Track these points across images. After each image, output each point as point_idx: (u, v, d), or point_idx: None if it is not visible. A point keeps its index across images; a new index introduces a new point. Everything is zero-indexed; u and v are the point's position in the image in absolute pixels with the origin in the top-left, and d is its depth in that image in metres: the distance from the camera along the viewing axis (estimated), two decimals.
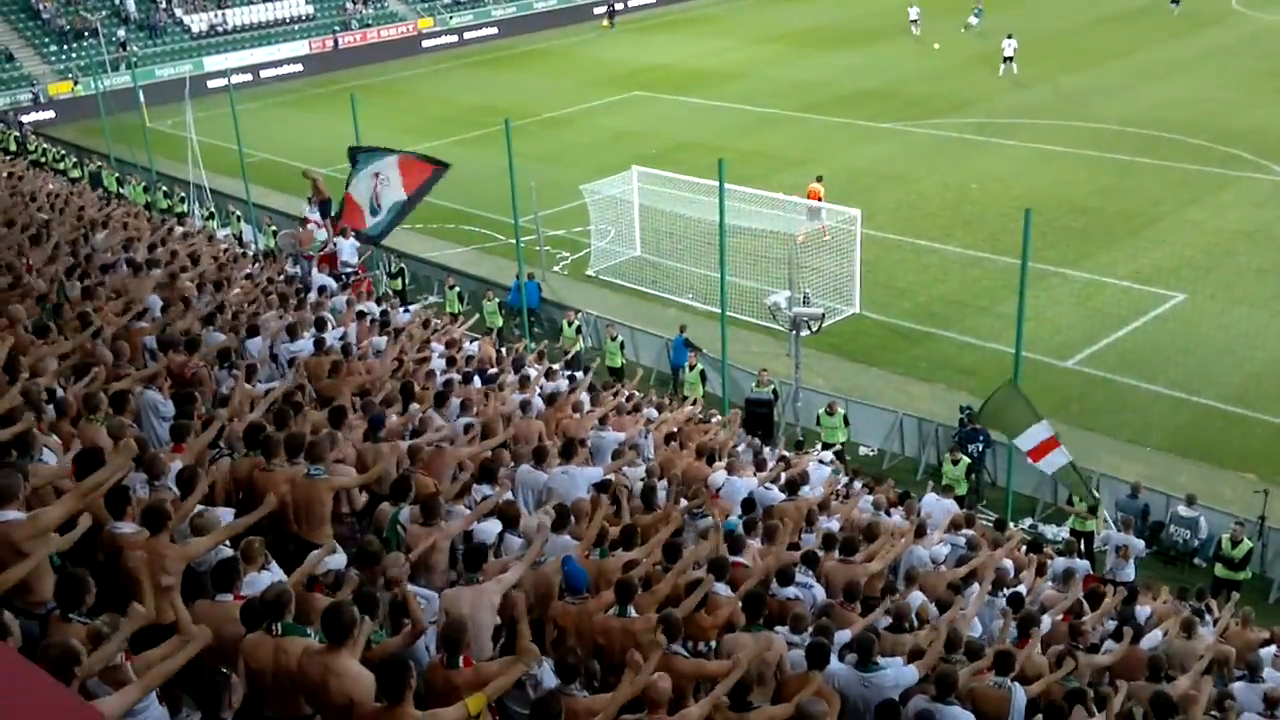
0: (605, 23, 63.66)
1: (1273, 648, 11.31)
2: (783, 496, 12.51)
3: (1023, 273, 15.82)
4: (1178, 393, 20.34)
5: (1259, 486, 16.47)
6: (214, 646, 6.89)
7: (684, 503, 11.26)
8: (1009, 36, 43.38)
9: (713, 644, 8.17)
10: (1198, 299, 23.69)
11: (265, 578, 7.45)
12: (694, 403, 19.20)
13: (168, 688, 6.45)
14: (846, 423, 18.79)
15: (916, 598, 10.77)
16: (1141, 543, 14.79)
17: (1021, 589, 11.91)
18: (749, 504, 11.81)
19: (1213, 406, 19.94)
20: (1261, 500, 15.85)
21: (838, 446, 18.19)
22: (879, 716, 7.39)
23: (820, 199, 28.01)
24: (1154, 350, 21.93)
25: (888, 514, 13.84)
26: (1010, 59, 43.31)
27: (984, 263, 26.53)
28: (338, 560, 7.63)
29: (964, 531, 13.72)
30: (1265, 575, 15.91)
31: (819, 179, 28.76)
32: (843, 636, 8.77)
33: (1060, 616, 10.78)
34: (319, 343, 14.60)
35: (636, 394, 17.65)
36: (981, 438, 17.85)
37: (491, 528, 9.00)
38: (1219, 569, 15.31)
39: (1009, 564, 12.80)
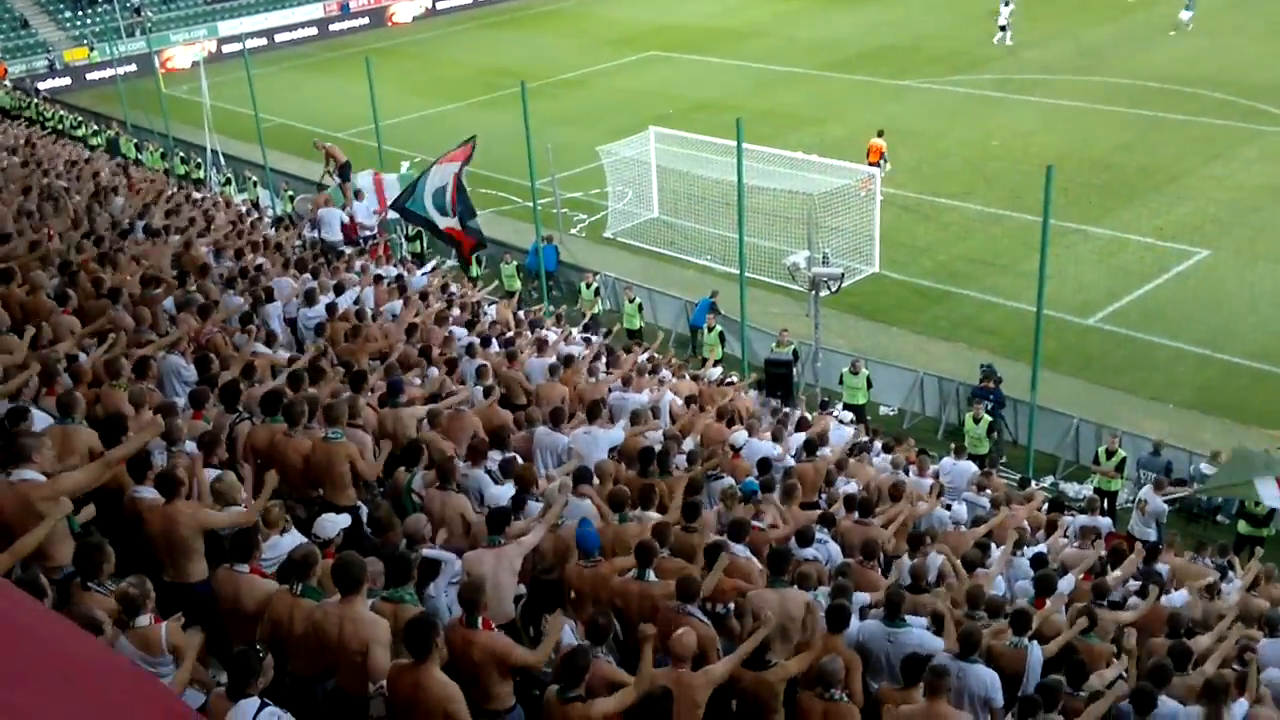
0: None
1: None
2: (797, 459, 12.51)
3: (1044, 230, 15.63)
4: (1201, 349, 20.17)
5: None
6: (232, 615, 6.96)
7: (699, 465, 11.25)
8: (1005, 3, 41.99)
9: (730, 606, 8.17)
10: (1221, 255, 23.43)
11: (287, 541, 7.50)
12: (715, 364, 19.19)
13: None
14: (870, 384, 18.68)
15: (936, 558, 10.77)
16: (1165, 506, 14.64)
17: (1042, 548, 11.89)
18: (765, 464, 11.80)
19: (1236, 363, 19.76)
20: None
21: (847, 413, 18.05)
22: (904, 667, 7.39)
23: (884, 154, 27.89)
24: (1177, 307, 21.73)
25: (906, 473, 13.82)
26: (1005, 28, 41.68)
27: (1005, 220, 26.30)
28: (343, 520, 7.67)
29: (985, 491, 13.71)
30: None
31: (880, 133, 28.63)
32: (861, 598, 8.78)
33: (1081, 575, 10.74)
34: (331, 307, 14.62)
35: (656, 356, 17.63)
36: (993, 396, 17.77)
37: (505, 491, 9.00)
38: (1242, 525, 15.23)
39: (1027, 523, 12.76)
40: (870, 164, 27.30)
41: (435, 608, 7.58)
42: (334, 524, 7.63)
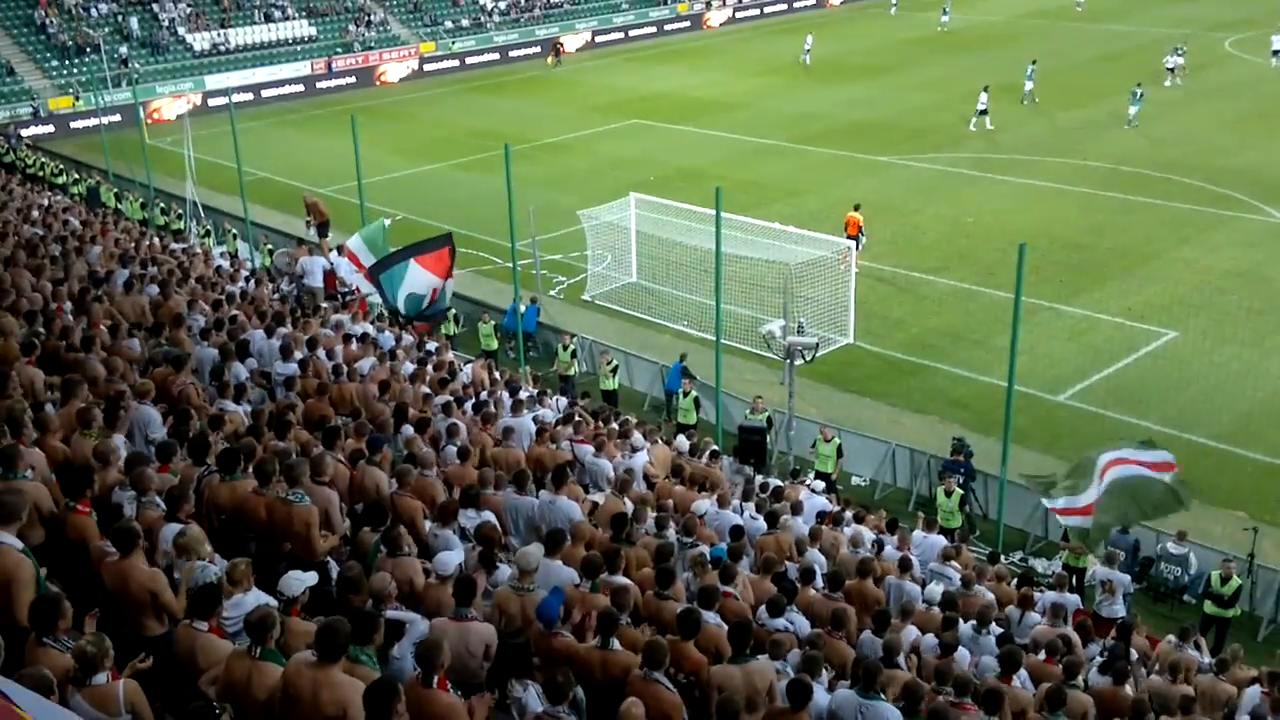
0: (549, 59, 62.25)
1: (1258, 688, 11.26)
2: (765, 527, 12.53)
3: (1016, 307, 15.86)
4: (1168, 429, 20.36)
5: (1248, 524, 16.46)
6: (189, 673, 6.86)
7: (671, 532, 11.22)
8: (985, 89, 42.08)
9: (693, 677, 8.09)
10: (1189, 337, 23.77)
11: (250, 599, 7.39)
12: (689, 430, 19.20)
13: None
14: (840, 452, 18.74)
15: (910, 633, 10.74)
16: (1127, 578, 14.75)
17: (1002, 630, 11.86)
18: (737, 532, 11.79)
19: (1203, 444, 19.96)
20: (1251, 538, 15.84)
21: (819, 482, 18.05)
22: None
23: (861, 227, 28.15)
24: (1145, 387, 21.99)
25: (880, 544, 13.81)
26: (984, 112, 41.76)
27: (978, 296, 26.63)
28: (310, 578, 7.58)
29: (953, 564, 13.70)
30: (1254, 613, 15.88)
31: (857, 207, 28.92)
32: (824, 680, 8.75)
33: (1044, 656, 10.74)
34: (304, 363, 14.59)
35: (629, 420, 17.65)
36: (962, 469, 17.86)
37: (454, 558, 8.89)
38: (1208, 606, 15.26)
39: (993, 598, 12.75)
40: (848, 237, 27.63)
41: (400, 669, 7.48)
42: (300, 582, 7.52)
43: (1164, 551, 16.42)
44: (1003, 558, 16.51)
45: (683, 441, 16.39)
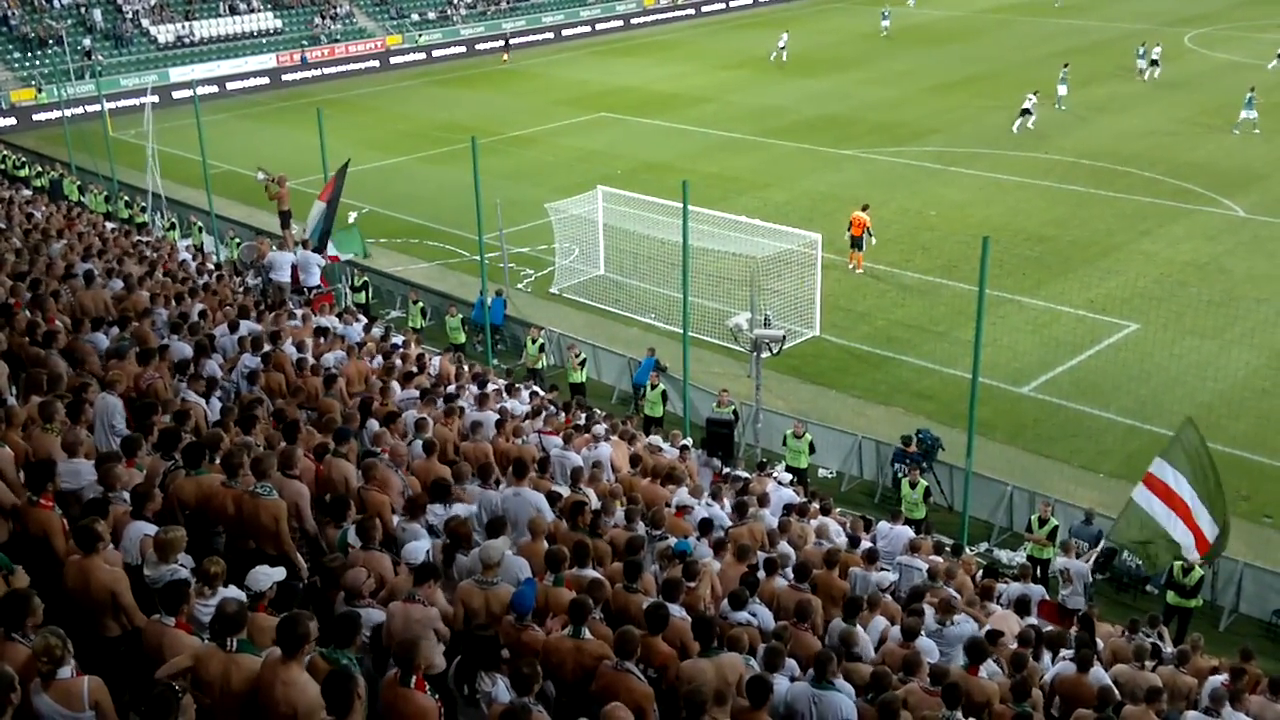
0: (503, 56, 61.91)
1: (1222, 676, 11.43)
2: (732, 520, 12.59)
3: (980, 299, 15.99)
4: (1130, 420, 20.65)
5: None
6: (155, 668, 6.82)
7: (640, 525, 11.25)
8: (1035, 92, 40.93)
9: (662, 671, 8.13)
10: (1150, 329, 24.06)
11: (222, 594, 7.36)
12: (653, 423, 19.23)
13: (118, 704, 6.37)
14: (812, 448, 18.83)
15: (878, 623, 10.80)
16: (1085, 567, 14.88)
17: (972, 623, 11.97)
18: (707, 525, 11.82)
19: (1164, 434, 20.02)
20: None
21: (786, 474, 18.16)
22: None
23: (868, 227, 28.09)
24: (1107, 378, 22.26)
25: (852, 540, 13.88)
26: (1029, 111, 40.36)
27: (942, 289, 26.84)
28: (277, 574, 7.55)
29: (931, 557, 13.79)
30: (1216, 603, 16.10)
31: (865, 208, 28.70)
32: (793, 665, 8.81)
33: (1014, 645, 10.84)
34: (266, 357, 14.50)
35: (597, 412, 17.68)
36: (911, 460, 17.99)
37: (421, 546, 8.89)
38: (1171, 596, 15.45)
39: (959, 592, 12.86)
40: (853, 238, 27.84)
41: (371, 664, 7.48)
42: (267, 576, 7.48)
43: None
44: (967, 549, 16.67)
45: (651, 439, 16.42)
